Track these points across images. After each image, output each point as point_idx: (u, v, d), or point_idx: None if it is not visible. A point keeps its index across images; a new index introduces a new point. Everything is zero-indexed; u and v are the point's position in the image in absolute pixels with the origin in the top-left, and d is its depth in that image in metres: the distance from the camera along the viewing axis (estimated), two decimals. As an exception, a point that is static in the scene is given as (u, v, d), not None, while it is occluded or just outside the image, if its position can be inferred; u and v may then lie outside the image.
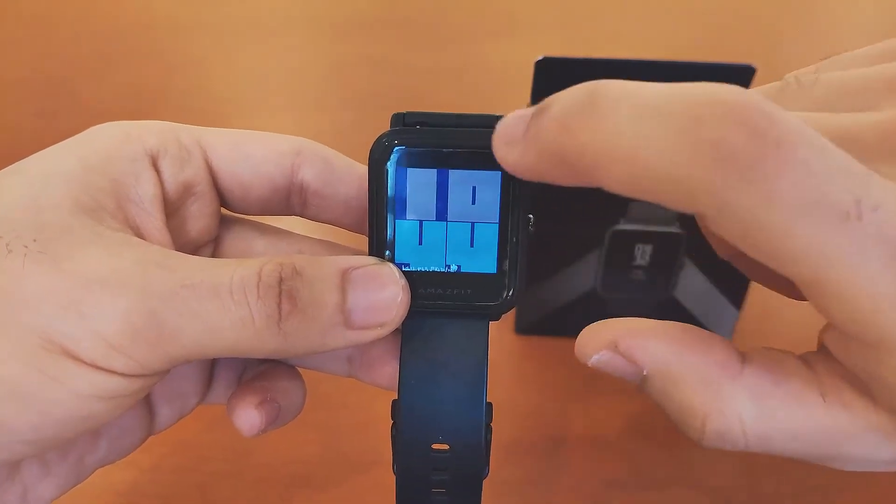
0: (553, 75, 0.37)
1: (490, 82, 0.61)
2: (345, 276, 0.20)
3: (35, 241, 0.19)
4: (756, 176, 0.15)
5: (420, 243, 0.22)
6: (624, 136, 0.16)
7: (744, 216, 0.15)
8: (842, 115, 0.18)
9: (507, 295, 0.22)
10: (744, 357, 0.19)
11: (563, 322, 0.39)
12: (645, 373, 0.19)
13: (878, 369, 0.16)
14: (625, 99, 0.16)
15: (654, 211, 0.35)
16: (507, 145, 0.19)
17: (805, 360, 0.19)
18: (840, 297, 0.15)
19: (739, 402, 0.18)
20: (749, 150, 0.14)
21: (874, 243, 0.15)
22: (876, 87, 0.18)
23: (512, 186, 0.21)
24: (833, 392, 0.18)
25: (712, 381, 0.18)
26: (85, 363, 0.19)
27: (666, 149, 0.15)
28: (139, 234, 0.21)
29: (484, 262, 0.22)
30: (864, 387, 0.17)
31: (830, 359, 0.18)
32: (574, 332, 0.37)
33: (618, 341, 0.19)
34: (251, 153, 0.24)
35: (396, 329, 0.22)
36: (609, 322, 0.20)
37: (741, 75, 0.37)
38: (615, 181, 0.16)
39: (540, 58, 0.36)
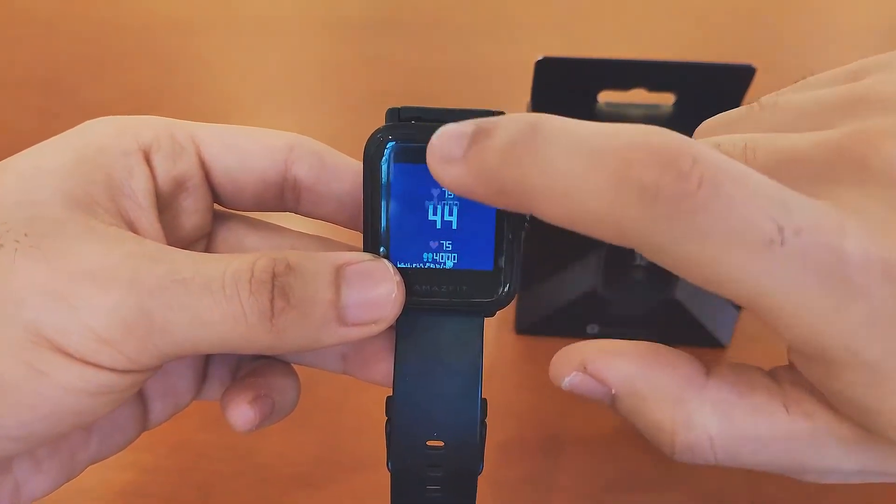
0: (553, 75, 0.37)
1: (490, 82, 0.61)
2: (339, 272, 0.20)
3: (27, 235, 0.19)
4: (681, 214, 0.16)
5: (415, 239, 0.22)
6: (560, 173, 0.17)
7: (674, 252, 0.16)
8: (790, 136, 0.19)
9: (503, 292, 0.22)
10: (709, 371, 0.20)
11: (563, 322, 0.39)
12: (613, 392, 0.20)
13: (833, 383, 0.17)
14: (563, 136, 0.17)
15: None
16: (445, 162, 0.19)
17: (772, 374, 0.20)
18: (780, 320, 0.16)
19: (705, 415, 0.19)
20: (673, 190, 0.15)
21: (799, 266, 0.15)
22: (828, 107, 0.19)
23: None
24: (796, 403, 0.19)
25: (678, 396, 0.19)
26: (74, 357, 0.18)
27: (597, 189, 0.16)
28: (132, 229, 0.21)
29: (480, 258, 0.22)
30: (825, 399, 0.18)
31: (795, 372, 0.19)
32: (574, 333, 0.36)
33: (587, 363, 0.20)
34: (244, 148, 0.24)
35: (391, 325, 0.21)
36: (580, 345, 0.21)
37: (741, 75, 0.37)
38: (550, 214, 0.17)
39: (540, 58, 0.36)
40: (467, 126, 0.18)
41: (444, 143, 0.19)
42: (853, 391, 0.17)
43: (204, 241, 0.25)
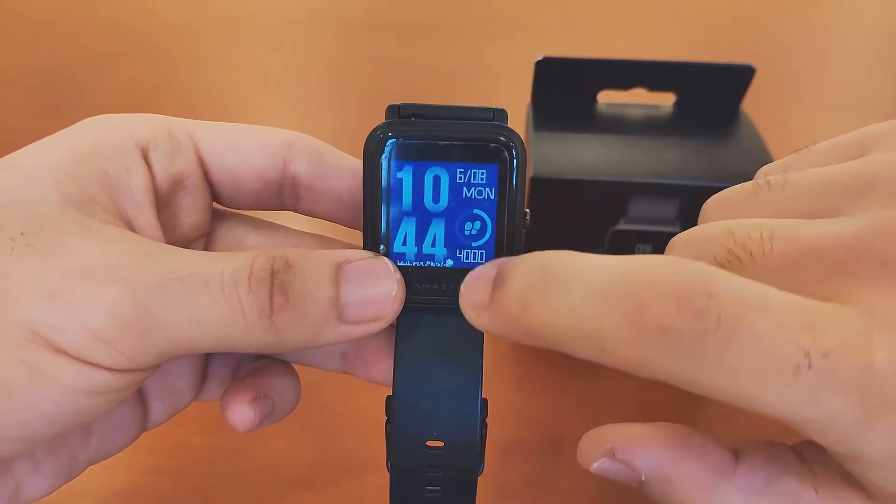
0: (553, 75, 0.37)
1: (490, 82, 0.61)
2: (339, 270, 0.20)
3: (23, 233, 0.19)
4: (703, 354, 0.16)
5: (415, 237, 0.21)
6: (579, 319, 0.17)
7: (703, 386, 0.16)
8: (808, 224, 0.18)
9: None
10: (736, 455, 0.20)
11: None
12: (643, 479, 0.20)
13: (867, 476, 0.17)
14: (578, 279, 0.17)
15: (654, 211, 0.35)
16: (475, 311, 0.20)
17: (798, 451, 0.20)
18: (813, 432, 0.16)
19: (734, 503, 0.19)
20: (692, 331, 0.16)
21: (830, 386, 0.15)
22: (843, 189, 0.19)
23: (508, 180, 0.21)
24: (825, 485, 0.19)
25: (707, 483, 0.19)
26: (71, 356, 0.18)
27: (616, 332, 0.16)
28: (130, 227, 0.21)
29: (480, 257, 0.22)
30: (856, 480, 0.18)
31: (822, 451, 0.19)
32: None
33: (615, 450, 0.20)
34: (242, 146, 0.23)
35: (391, 324, 0.21)
36: (607, 429, 0.21)
37: (741, 75, 0.37)
38: (578, 354, 0.18)
39: (540, 58, 0.36)
40: (490, 269, 0.20)
41: (471, 291, 0.20)
42: (890, 486, 0.17)
43: (203, 240, 0.25)
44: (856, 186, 0.19)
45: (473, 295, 0.20)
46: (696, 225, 0.22)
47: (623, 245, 0.36)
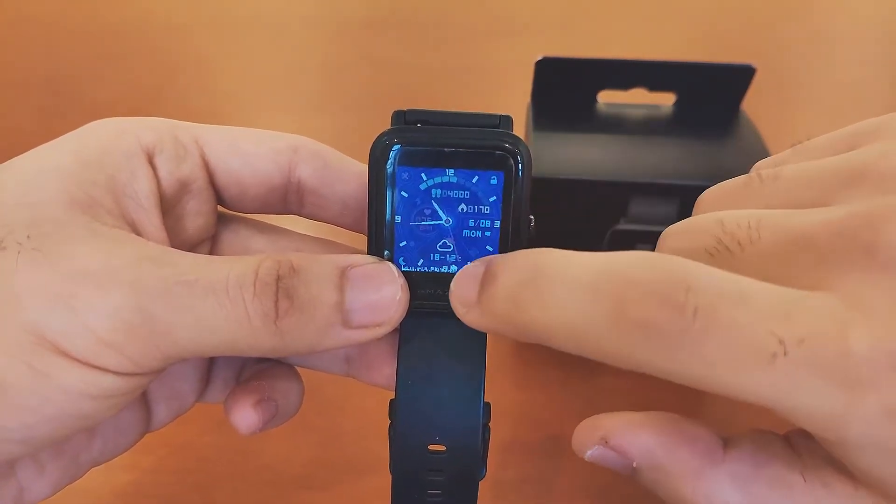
0: (553, 75, 0.37)
1: (490, 82, 0.61)
2: (343, 275, 0.20)
3: (29, 237, 0.19)
4: (682, 346, 0.16)
5: (420, 243, 0.22)
6: (564, 314, 0.18)
7: (685, 376, 0.17)
8: (795, 214, 0.19)
9: None
10: (727, 443, 0.20)
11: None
12: (634, 465, 0.20)
13: (851, 460, 0.17)
14: (563, 276, 0.18)
15: (654, 211, 0.35)
16: (464, 307, 0.20)
17: (788, 440, 0.20)
18: (794, 418, 0.16)
19: (724, 489, 0.19)
20: (670, 324, 0.16)
21: (806, 372, 0.16)
22: (832, 181, 0.19)
23: (513, 187, 0.21)
24: (813, 471, 0.19)
25: (697, 469, 0.20)
26: (77, 360, 0.18)
27: (600, 327, 0.17)
28: (135, 231, 0.21)
29: None
30: (843, 466, 0.18)
31: (811, 439, 0.19)
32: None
33: (608, 437, 0.21)
34: (248, 150, 0.24)
35: (395, 329, 0.21)
36: (601, 417, 0.21)
37: (741, 75, 0.37)
38: (563, 348, 0.18)
39: (540, 58, 0.36)
40: (478, 267, 0.20)
41: (460, 287, 0.20)
42: (873, 470, 0.17)
43: (208, 244, 0.25)
44: (845, 177, 0.19)
45: (463, 292, 0.20)
46: None
47: (623, 245, 0.36)
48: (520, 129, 0.33)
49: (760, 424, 0.21)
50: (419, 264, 0.22)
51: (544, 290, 0.18)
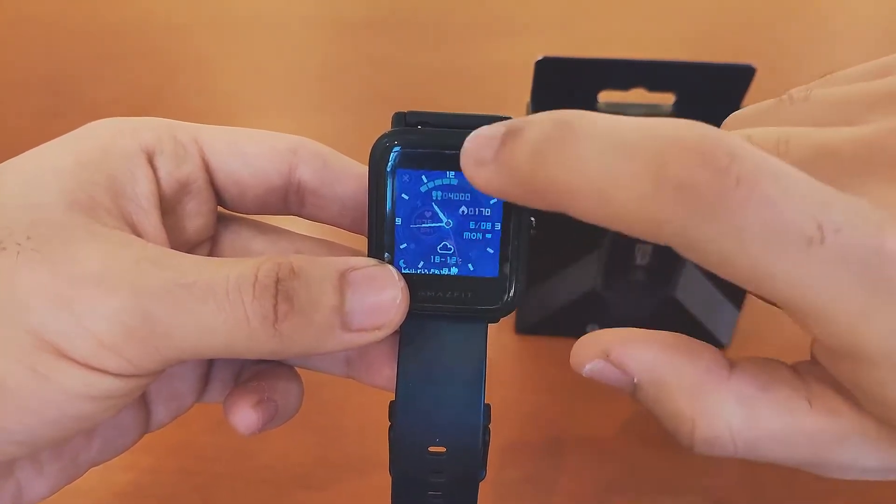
0: (553, 75, 0.37)
1: (490, 82, 0.61)
2: (343, 278, 0.20)
3: (29, 238, 0.19)
4: (719, 213, 0.15)
5: (420, 245, 0.21)
6: (594, 172, 0.16)
7: (712, 250, 0.16)
8: (824, 130, 0.18)
9: (508, 298, 0.22)
10: (732, 364, 0.19)
11: (564, 322, 0.39)
12: (635, 381, 0.20)
13: (862, 380, 0.17)
14: (596, 133, 0.17)
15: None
16: (477, 164, 0.19)
17: (795, 369, 0.20)
18: (815, 318, 0.16)
19: (727, 407, 0.19)
20: (711, 188, 0.15)
21: (839, 264, 0.15)
22: (862, 102, 0.19)
23: None
24: (820, 398, 0.18)
25: (700, 387, 0.19)
26: (77, 362, 0.18)
27: (633, 186, 0.16)
28: (135, 232, 0.21)
29: (485, 265, 0.22)
30: (851, 394, 0.18)
31: (819, 368, 0.19)
32: (574, 332, 0.37)
33: (609, 351, 0.20)
34: (248, 151, 0.23)
35: (395, 331, 0.21)
36: (602, 332, 0.20)
37: (741, 75, 0.37)
38: (584, 212, 0.17)
39: (540, 58, 0.36)
40: (499, 127, 0.18)
41: (476, 146, 0.19)
42: (883, 389, 0.16)
43: (208, 245, 0.25)
44: (878, 101, 0.18)
45: (478, 149, 0.19)
46: None
47: (623, 245, 0.36)
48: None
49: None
50: (419, 266, 0.22)
51: (572, 146, 0.17)
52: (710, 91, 0.38)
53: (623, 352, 0.20)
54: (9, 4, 0.74)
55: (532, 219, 0.21)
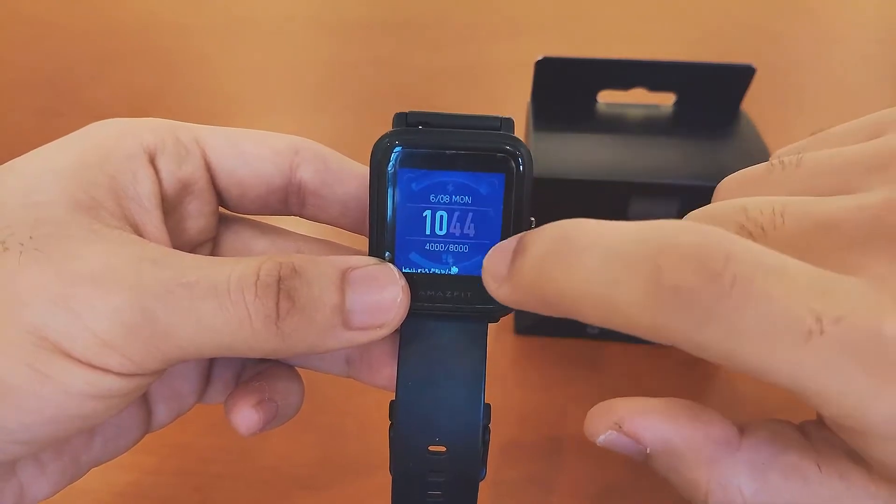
0: (553, 75, 0.37)
1: (490, 82, 0.61)
2: (344, 277, 0.20)
3: (31, 238, 0.19)
4: (716, 316, 0.16)
5: (421, 245, 0.22)
6: (595, 282, 0.17)
7: (714, 349, 0.16)
8: (822, 200, 0.18)
9: None
10: (742, 430, 0.20)
11: (563, 322, 0.39)
12: (648, 451, 0.20)
13: (872, 452, 0.17)
14: (594, 246, 0.17)
15: (654, 211, 0.35)
16: (496, 282, 0.20)
17: (803, 430, 0.20)
18: (821, 403, 0.16)
19: (739, 476, 0.19)
20: (707, 293, 0.16)
21: (841, 353, 0.15)
22: (857, 166, 0.19)
23: (515, 189, 0.21)
24: (829, 462, 0.19)
25: (712, 457, 0.19)
26: (78, 361, 0.18)
27: (632, 296, 0.16)
28: (137, 232, 0.21)
29: None
30: (859, 457, 0.18)
31: (826, 429, 0.19)
32: (574, 333, 0.36)
33: (622, 422, 0.20)
34: (249, 151, 0.24)
35: (395, 330, 0.21)
36: (614, 402, 0.21)
37: (741, 75, 0.37)
38: (593, 321, 0.18)
39: (540, 58, 0.36)
40: (510, 243, 0.20)
41: (493, 263, 0.20)
42: (894, 459, 0.17)
43: (209, 245, 0.25)
44: (871, 164, 0.19)
45: (496, 267, 0.20)
46: None
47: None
48: (520, 129, 0.33)
49: (765, 415, 0.21)
50: (420, 266, 0.22)
51: (573, 259, 0.17)
52: (710, 91, 0.38)
53: (635, 423, 0.20)
54: (8, 4, 0.74)
55: (532, 219, 0.21)
